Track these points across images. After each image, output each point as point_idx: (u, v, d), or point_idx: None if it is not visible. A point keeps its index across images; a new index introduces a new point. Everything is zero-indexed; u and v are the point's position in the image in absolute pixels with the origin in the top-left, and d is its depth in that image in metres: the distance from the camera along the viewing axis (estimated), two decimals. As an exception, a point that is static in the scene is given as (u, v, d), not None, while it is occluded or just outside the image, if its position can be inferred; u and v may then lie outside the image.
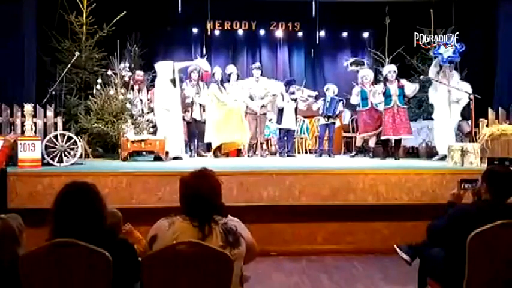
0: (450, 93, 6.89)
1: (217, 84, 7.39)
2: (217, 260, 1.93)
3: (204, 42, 10.52)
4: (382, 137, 7.29)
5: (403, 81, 7.17)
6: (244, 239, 2.14)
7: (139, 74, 7.65)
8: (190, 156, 7.35)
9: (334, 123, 7.97)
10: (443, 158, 6.67)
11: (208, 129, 7.35)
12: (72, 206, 1.97)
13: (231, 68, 7.88)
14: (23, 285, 1.91)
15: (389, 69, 7.26)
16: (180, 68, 7.18)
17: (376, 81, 8.25)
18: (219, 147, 7.42)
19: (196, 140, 7.62)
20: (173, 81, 6.80)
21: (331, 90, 8.09)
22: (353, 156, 7.71)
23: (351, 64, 8.06)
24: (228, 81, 7.68)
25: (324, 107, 7.80)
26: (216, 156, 7.34)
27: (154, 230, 2.11)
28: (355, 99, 7.59)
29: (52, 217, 1.97)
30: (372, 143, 7.61)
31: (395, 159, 7.07)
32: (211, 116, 7.38)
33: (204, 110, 7.49)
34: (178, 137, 6.87)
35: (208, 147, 7.50)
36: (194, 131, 7.56)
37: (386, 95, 7.08)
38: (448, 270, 2.48)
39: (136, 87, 7.51)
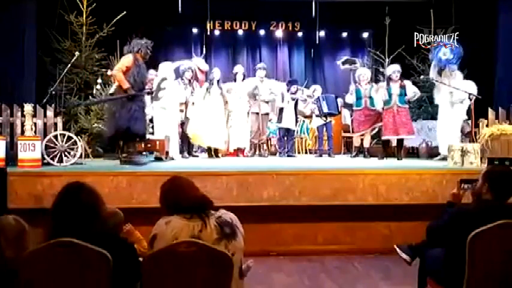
0: (452, 94, 6.88)
1: (209, 85, 7.35)
2: (217, 259, 1.94)
3: (204, 42, 10.53)
4: (383, 137, 7.29)
5: (406, 82, 7.11)
6: (240, 232, 2.19)
7: (152, 73, 7.25)
8: (183, 157, 7.26)
9: (331, 121, 7.97)
10: (444, 158, 6.69)
11: (191, 124, 7.24)
12: (69, 206, 1.99)
13: (237, 68, 7.88)
14: (22, 285, 1.91)
15: (394, 69, 7.22)
16: (176, 67, 7.15)
17: (376, 81, 8.27)
18: (214, 149, 7.40)
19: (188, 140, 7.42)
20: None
21: (318, 91, 8.16)
22: (354, 156, 7.70)
23: (343, 63, 8.07)
24: (235, 80, 7.69)
25: (319, 107, 7.81)
26: (210, 156, 7.34)
27: (154, 229, 2.15)
28: (350, 98, 7.60)
29: (50, 218, 1.99)
30: (366, 142, 7.59)
31: (398, 159, 7.06)
32: (194, 113, 7.29)
33: None
34: (173, 137, 6.85)
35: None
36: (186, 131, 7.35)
37: (388, 94, 7.08)
38: (448, 270, 2.48)
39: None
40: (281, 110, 7.83)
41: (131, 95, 5.46)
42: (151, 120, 7.05)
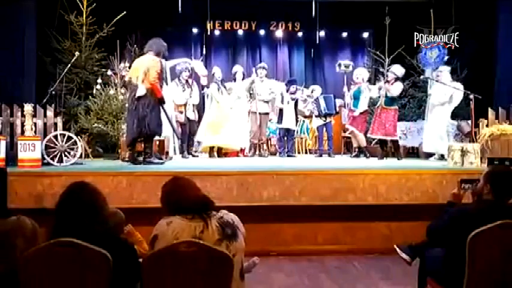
0: (430, 96, 7.07)
1: (217, 85, 7.37)
2: (217, 260, 1.94)
3: (204, 42, 10.51)
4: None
5: (394, 85, 7.09)
6: (241, 233, 2.19)
7: None
8: (183, 156, 7.26)
9: (331, 121, 7.98)
10: (429, 156, 7.10)
11: (202, 128, 7.31)
12: (72, 206, 1.99)
13: (236, 68, 7.89)
14: (23, 285, 1.91)
15: (392, 69, 7.29)
16: (172, 66, 7.15)
17: (375, 81, 8.27)
18: (214, 148, 7.40)
19: (187, 140, 7.41)
20: (165, 80, 6.77)
21: (317, 91, 8.19)
22: (354, 156, 7.71)
23: (339, 66, 8.13)
24: (234, 80, 7.69)
25: (318, 108, 7.82)
26: (211, 156, 7.34)
27: (155, 230, 2.15)
28: (348, 97, 7.71)
29: (54, 217, 2.00)
30: (361, 142, 7.59)
31: (398, 159, 7.09)
32: (207, 116, 7.35)
33: (196, 109, 7.47)
34: (170, 137, 6.85)
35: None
36: (187, 131, 7.35)
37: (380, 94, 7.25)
38: (448, 270, 2.49)
39: None
40: (281, 110, 7.85)
41: (164, 100, 5.59)
42: None
